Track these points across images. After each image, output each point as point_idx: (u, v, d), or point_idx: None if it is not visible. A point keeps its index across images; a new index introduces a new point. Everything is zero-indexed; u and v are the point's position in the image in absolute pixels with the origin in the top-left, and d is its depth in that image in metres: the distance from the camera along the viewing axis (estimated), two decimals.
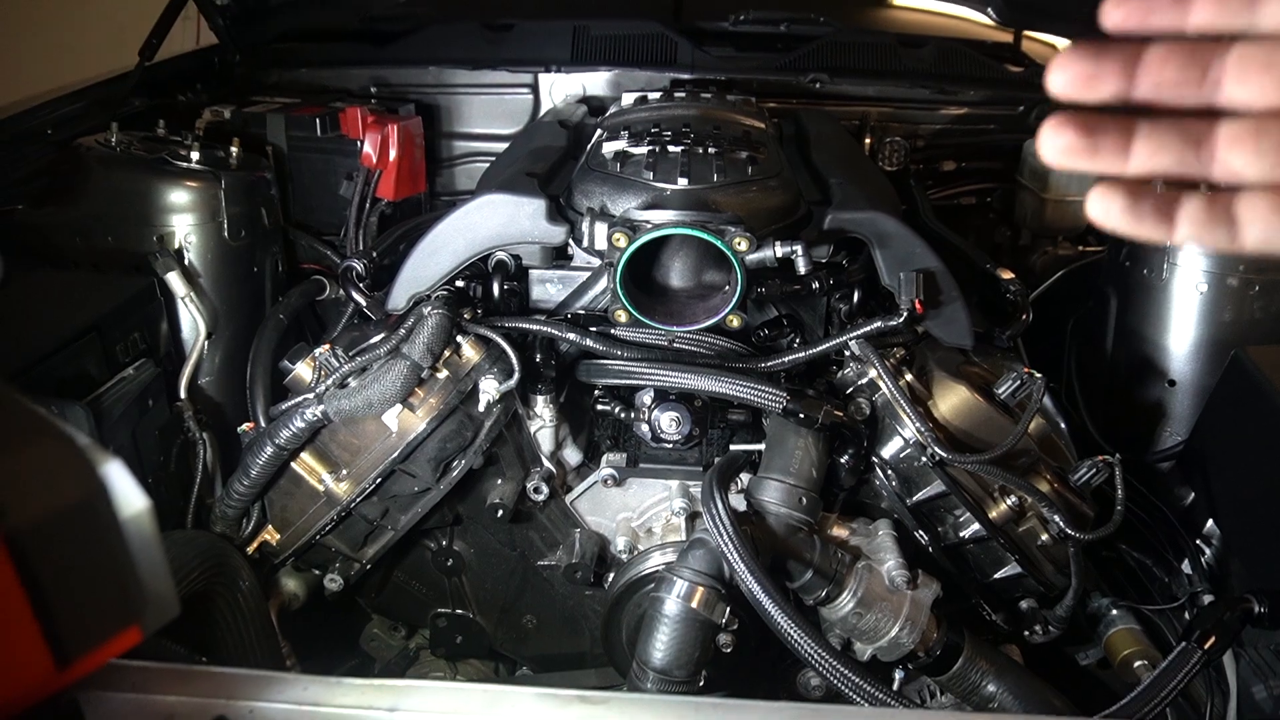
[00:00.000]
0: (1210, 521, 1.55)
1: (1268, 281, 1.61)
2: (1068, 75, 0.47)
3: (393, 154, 1.97)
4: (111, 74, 2.08)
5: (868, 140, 2.15)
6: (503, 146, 2.24)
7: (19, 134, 1.77)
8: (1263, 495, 1.40)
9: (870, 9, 2.86)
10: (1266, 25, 0.44)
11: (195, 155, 1.69)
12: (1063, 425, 1.52)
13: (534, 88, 2.25)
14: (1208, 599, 1.49)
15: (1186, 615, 1.51)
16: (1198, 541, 1.62)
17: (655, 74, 2.20)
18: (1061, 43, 2.78)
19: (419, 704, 0.87)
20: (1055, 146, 0.48)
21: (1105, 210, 0.48)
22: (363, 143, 1.96)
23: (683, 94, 1.91)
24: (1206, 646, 1.21)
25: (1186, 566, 1.58)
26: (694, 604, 1.23)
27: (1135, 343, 1.72)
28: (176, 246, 1.65)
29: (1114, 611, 1.56)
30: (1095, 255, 1.97)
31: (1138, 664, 1.48)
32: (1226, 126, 0.46)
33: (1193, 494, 1.63)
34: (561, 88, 2.25)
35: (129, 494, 0.62)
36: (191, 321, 1.64)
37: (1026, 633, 1.49)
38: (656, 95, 1.91)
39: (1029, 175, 2.04)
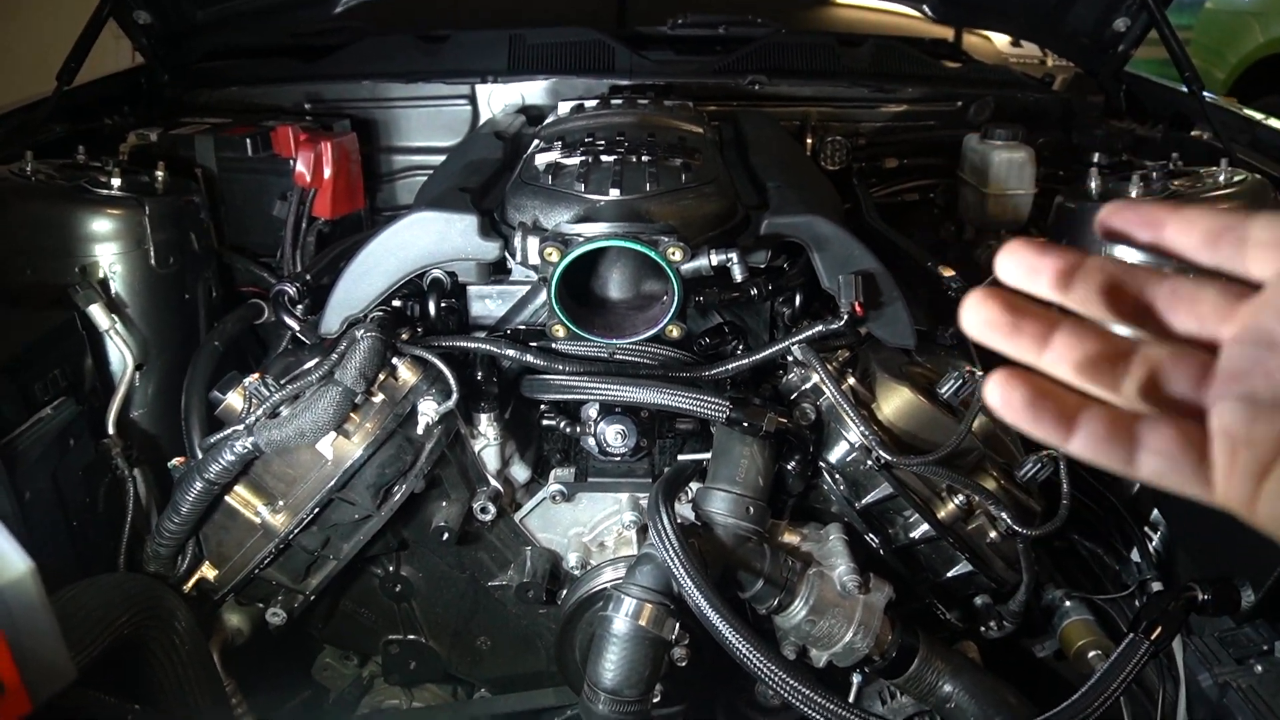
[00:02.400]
0: (1156, 510, 1.57)
1: (1200, 271, 1.62)
2: (1016, 263, 0.48)
3: (327, 172, 1.93)
4: (32, 99, 2.01)
5: (809, 140, 2.15)
6: (441, 159, 2.21)
7: None
8: None
9: (809, 9, 2.86)
10: (1225, 265, 0.45)
11: (116, 181, 1.63)
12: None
13: (472, 99, 2.22)
14: (1156, 586, 1.50)
15: (1137, 603, 1.52)
16: (1145, 529, 1.63)
17: (594, 81, 2.18)
18: (999, 38, 2.81)
19: None
20: (977, 318, 0.47)
21: (1005, 401, 0.46)
22: (295, 161, 1.92)
23: (619, 100, 1.90)
24: (1153, 637, 1.22)
25: (1135, 555, 1.59)
26: (642, 622, 1.21)
27: None
28: (101, 277, 1.60)
29: (1068, 603, 1.57)
30: None
31: (1091, 654, 1.48)
32: (1144, 349, 0.45)
33: (1139, 482, 1.64)
34: (500, 98, 2.22)
35: (7, 557, 0.58)
36: (119, 354, 1.58)
37: (982, 629, 1.49)
38: (593, 103, 1.89)
39: (969, 170, 2.05)
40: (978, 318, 0.48)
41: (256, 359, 1.90)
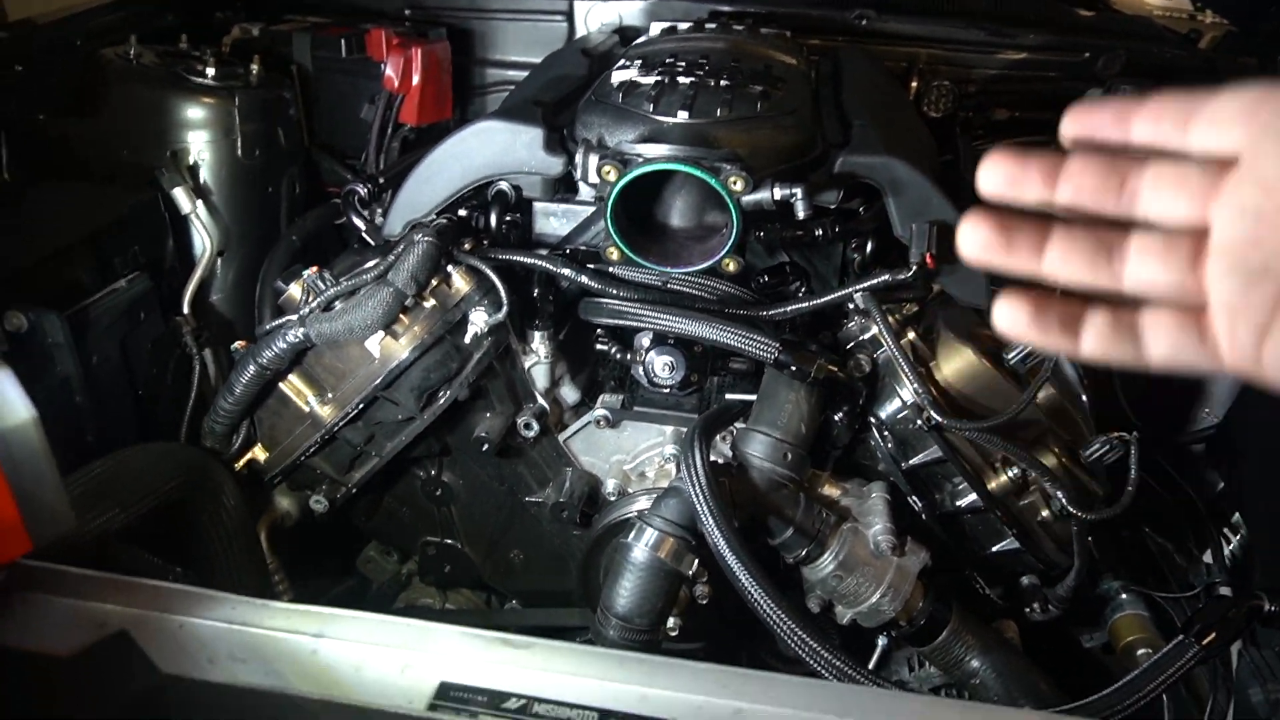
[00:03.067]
0: (1237, 513, 1.45)
1: None
2: (996, 176, 0.49)
3: (416, 78, 1.93)
4: None
5: (914, 84, 2.02)
6: (528, 73, 2.18)
7: (50, 43, 1.78)
8: None
9: None
10: (1196, 147, 0.46)
11: (211, 71, 1.68)
12: (1084, 397, 1.43)
13: (569, 15, 2.17)
14: (1224, 591, 1.40)
15: (1200, 606, 1.42)
16: (1225, 531, 1.52)
17: (694, 4, 2.10)
18: None
19: (344, 632, 0.86)
20: (972, 241, 0.50)
21: (1011, 319, 0.49)
22: (385, 65, 1.92)
23: (714, 25, 1.82)
24: (1204, 641, 1.14)
25: (1208, 556, 1.49)
26: (661, 554, 1.20)
27: None
28: (190, 162, 1.65)
29: (1123, 595, 1.49)
30: None
31: (1140, 651, 1.41)
32: (1138, 238, 0.47)
33: (1224, 481, 1.52)
34: (597, 15, 2.16)
35: (12, 404, 0.61)
36: (200, 238, 1.64)
37: (1026, 610, 1.43)
38: (687, 26, 1.82)
39: None
40: (973, 241, 0.50)
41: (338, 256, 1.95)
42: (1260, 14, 2.04)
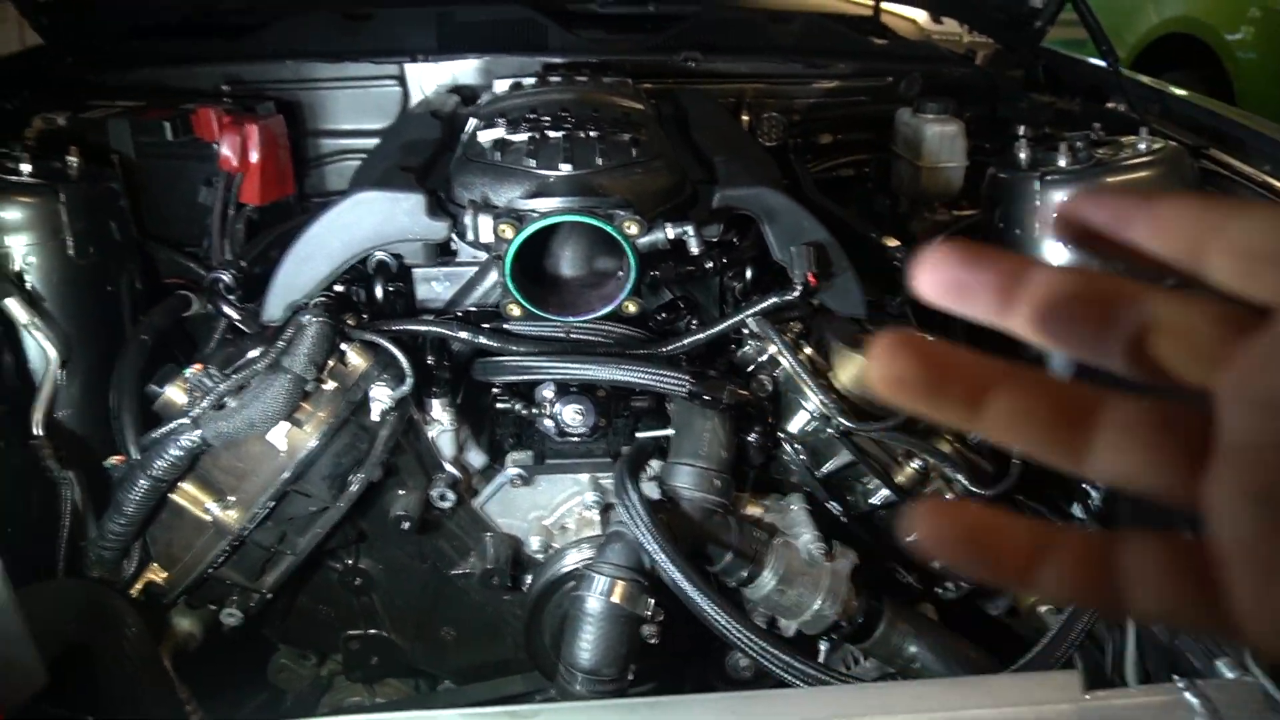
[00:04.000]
0: None
1: None
2: (939, 278, 0.35)
3: (254, 156, 1.85)
4: None
5: (745, 117, 2.16)
6: (373, 142, 2.14)
7: None
8: None
9: None
10: (1216, 276, 0.32)
11: (27, 167, 1.53)
12: None
13: (401, 79, 2.16)
14: None
15: None
16: (1083, 485, 1.70)
17: (527, 59, 2.14)
18: (918, 14, 2.87)
19: None
20: (884, 373, 0.35)
21: (933, 535, 0.34)
22: (220, 145, 1.83)
23: (557, 78, 1.87)
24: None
25: (1077, 510, 1.66)
26: (616, 599, 1.21)
27: None
28: (15, 269, 1.50)
29: None
30: (971, 218, 2.03)
31: (1043, 609, 1.54)
32: (1117, 410, 0.33)
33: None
34: (430, 78, 2.16)
35: None
36: (39, 351, 1.49)
37: (938, 590, 1.53)
38: (530, 81, 1.86)
39: (903, 145, 2.09)
40: (885, 372, 0.35)
41: (185, 354, 1.82)
42: (1019, 33, 2.34)
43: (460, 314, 1.46)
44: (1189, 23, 4.87)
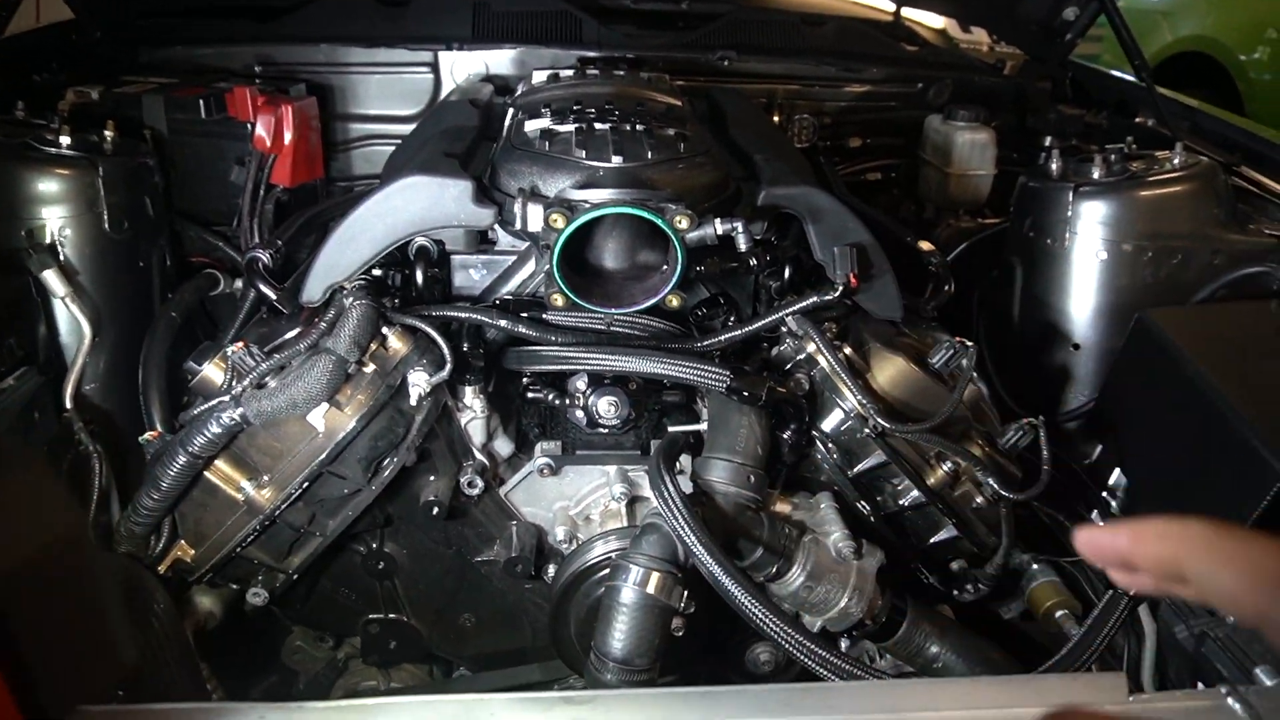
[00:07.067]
0: (1117, 472, 1.64)
1: (1158, 248, 1.70)
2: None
3: (288, 137, 1.84)
4: None
5: (776, 118, 2.16)
6: (402, 129, 2.14)
7: None
8: (1167, 442, 1.49)
9: None
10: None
11: (65, 140, 1.53)
12: (986, 391, 1.57)
13: (434, 67, 2.16)
14: None
15: None
16: (1104, 494, 1.71)
17: (561, 52, 2.14)
18: (935, 21, 2.87)
19: None
20: None
21: None
22: (254, 125, 1.83)
23: (595, 72, 1.87)
24: (1133, 593, 1.28)
25: (1096, 517, 1.67)
26: (651, 590, 1.21)
27: (1040, 310, 1.80)
28: (50, 241, 1.49)
29: (1034, 566, 1.63)
30: (996, 227, 2.04)
31: (1060, 614, 1.54)
32: None
33: (1099, 449, 1.72)
34: (463, 66, 2.16)
35: None
36: (73, 323, 1.48)
37: (956, 592, 1.54)
38: (568, 73, 1.86)
39: (931, 151, 2.10)
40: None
41: (207, 332, 1.82)
42: (1049, 45, 2.35)
43: (498, 302, 1.46)
44: (1204, 41, 4.90)
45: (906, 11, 2.55)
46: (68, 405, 1.43)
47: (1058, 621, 1.55)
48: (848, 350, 1.40)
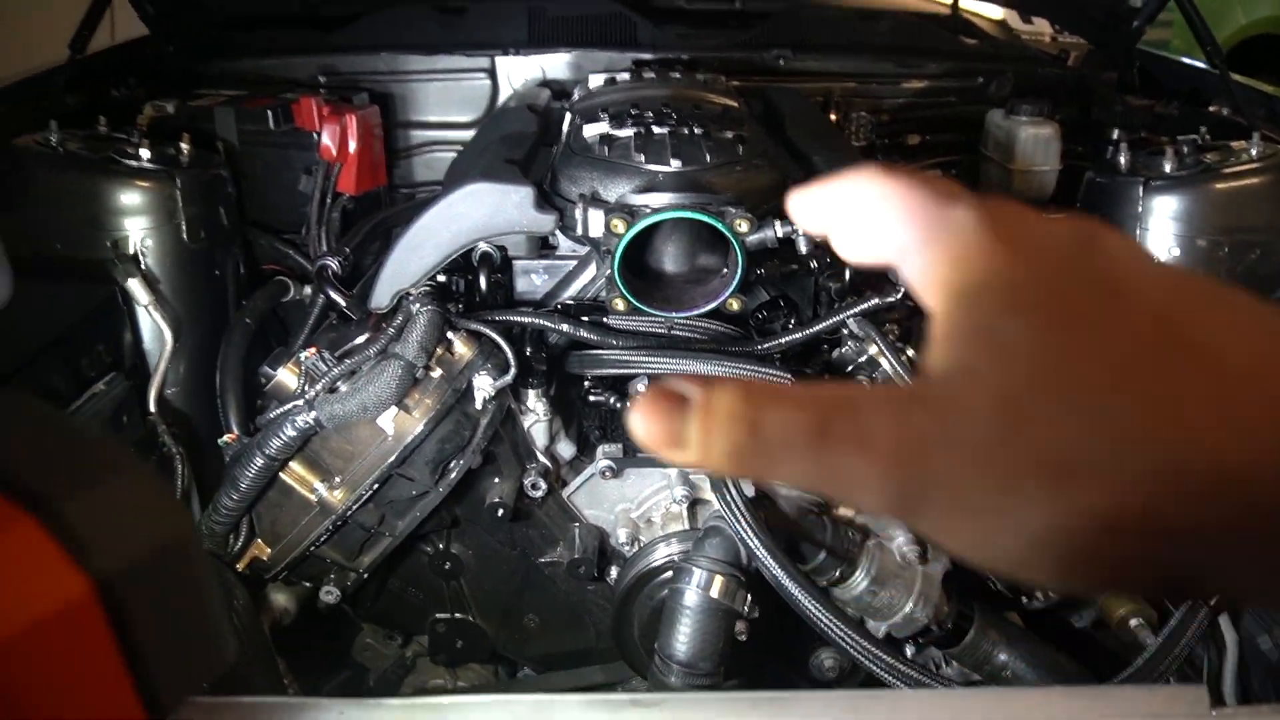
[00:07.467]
0: None
1: (1234, 243, 1.65)
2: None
3: (352, 146, 1.89)
4: (39, 69, 1.94)
5: (833, 116, 2.15)
6: (462, 135, 2.17)
7: None
8: None
9: None
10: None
11: (145, 153, 1.59)
12: None
13: (491, 72, 2.18)
14: None
15: None
16: None
17: (616, 54, 2.15)
18: (995, 12, 2.82)
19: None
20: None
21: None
22: (320, 135, 1.87)
23: (651, 74, 1.88)
24: (1212, 602, 1.25)
25: None
26: (714, 593, 1.21)
27: None
28: (133, 251, 1.55)
29: None
30: None
31: (1134, 622, 1.50)
32: None
33: None
34: (520, 71, 2.18)
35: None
36: (155, 330, 1.54)
37: (1025, 599, 1.51)
38: (625, 76, 1.87)
39: (994, 147, 2.06)
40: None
41: (278, 338, 1.87)
42: (1112, 34, 2.29)
43: (559, 307, 1.48)
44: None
45: (965, 3, 2.51)
46: (151, 409, 1.48)
47: (1133, 630, 1.51)
48: (910, 352, 1.39)
